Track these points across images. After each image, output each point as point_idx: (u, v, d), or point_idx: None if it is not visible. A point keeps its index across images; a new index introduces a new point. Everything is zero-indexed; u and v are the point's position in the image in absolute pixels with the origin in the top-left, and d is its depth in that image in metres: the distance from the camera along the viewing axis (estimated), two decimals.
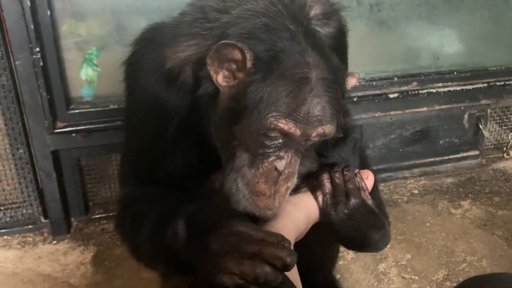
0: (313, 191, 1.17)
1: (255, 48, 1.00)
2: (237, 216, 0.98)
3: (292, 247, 1.04)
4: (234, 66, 1.02)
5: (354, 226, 1.15)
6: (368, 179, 1.22)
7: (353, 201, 1.15)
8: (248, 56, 0.99)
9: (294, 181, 1.09)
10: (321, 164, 1.24)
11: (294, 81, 0.98)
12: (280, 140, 1.03)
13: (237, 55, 1.00)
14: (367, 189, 1.19)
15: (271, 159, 1.03)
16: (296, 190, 1.18)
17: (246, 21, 1.04)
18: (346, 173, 1.18)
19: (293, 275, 1.01)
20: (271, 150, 1.03)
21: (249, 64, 1.00)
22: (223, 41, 1.00)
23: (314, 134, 1.02)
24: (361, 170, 1.22)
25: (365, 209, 1.17)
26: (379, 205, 1.23)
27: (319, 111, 1.00)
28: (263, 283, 0.83)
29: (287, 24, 1.03)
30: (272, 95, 0.98)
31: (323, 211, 1.15)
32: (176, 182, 1.22)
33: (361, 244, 1.20)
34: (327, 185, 1.16)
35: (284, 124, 0.99)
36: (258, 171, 1.04)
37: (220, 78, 1.04)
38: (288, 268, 0.84)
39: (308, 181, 1.20)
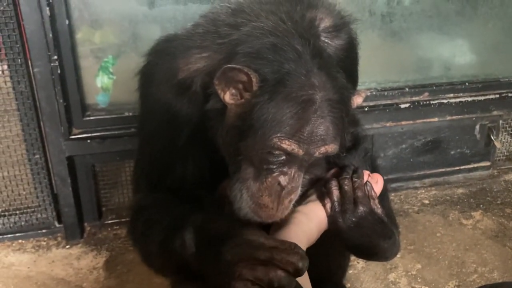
0: (321, 199, 1.18)
1: (261, 70, 1.02)
2: (247, 226, 1.00)
3: None
4: (241, 86, 1.05)
5: (362, 234, 1.16)
6: (377, 183, 1.22)
7: (361, 209, 1.16)
8: (254, 79, 1.02)
9: (297, 193, 1.12)
10: (331, 167, 1.26)
11: (299, 103, 1.01)
12: (284, 157, 1.05)
13: (243, 77, 1.02)
14: (377, 198, 1.20)
15: (274, 174, 1.07)
16: (304, 197, 1.20)
17: (255, 39, 1.06)
18: (356, 180, 1.18)
19: (305, 282, 1.03)
20: (275, 166, 1.06)
21: (255, 86, 1.03)
22: (229, 65, 1.02)
23: (317, 153, 1.05)
24: (370, 174, 1.23)
25: (374, 218, 1.18)
26: (388, 214, 1.23)
27: (323, 131, 1.02)
28: None
29: (295, 44, 1.05)
30: (277, 116, 1.01)
31: (331, 218, 1.16)
32: (187, 189, 1.25)
33: (369, 253, 1.21)
34: (335, 193, 1.17)
35: (288, 145, 1.02)
36: (262, 185, 1.08)
37: (228, 97, 1.07)
38: (300, 272, 0.85)
39: (317, 188, 1.22)
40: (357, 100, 1.15)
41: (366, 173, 1.23)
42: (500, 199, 2.56)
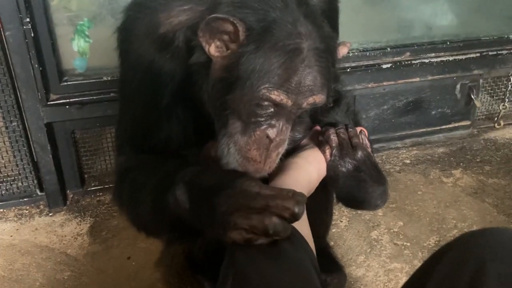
0: (320, 146, 1.20)
1: (247, 19, 1.00)
2: (241, 176, 0.99)
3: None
4: (226, 37, 1.02)
5: (359, 180, 1.18)
6: None
7: (360, 153, 1.19)
8: (240, 28, 0.99)
9: (285, 146, 1.12)
10: (322, 123, 1.27)
11: (286, 52, 0.99)
12: (272, 109, 1.05)
13: (229, 27, 1.00)
14: (370, 147, 1.23)
15: (263, 127, 1.06)
16: (301, 148, 1.22)
17: None
18: (351, 129, 1.22)
19: (304, 228, 1.03)
20: (263, 119, 1.06)
21: (241, 35, 1.00)
22: (213, 15, 0.99)
23: (305, 103, 1.04)
24: (355, 127, 1.25)
25: (371, 162, 1.20)
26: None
27: (310, 81, 1.02)
28: (272, 235, 0.84)
29: None
30: (264, 67, 1.00)
31: (330, 163, 1.19)
32: (172, 150, 1.23)
33: (362, 199, 1.22)
34: (334, 139, 1.19)
35: (276, 96, 1.01)
36: (250, 139, 1.07)
37: (213, 49, 1.04)
38: (296, 217, 0.85)
39: (313, 137, 1.24)
40: (343, 50, 1.14)
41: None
42: (480, 157, 2.60)
